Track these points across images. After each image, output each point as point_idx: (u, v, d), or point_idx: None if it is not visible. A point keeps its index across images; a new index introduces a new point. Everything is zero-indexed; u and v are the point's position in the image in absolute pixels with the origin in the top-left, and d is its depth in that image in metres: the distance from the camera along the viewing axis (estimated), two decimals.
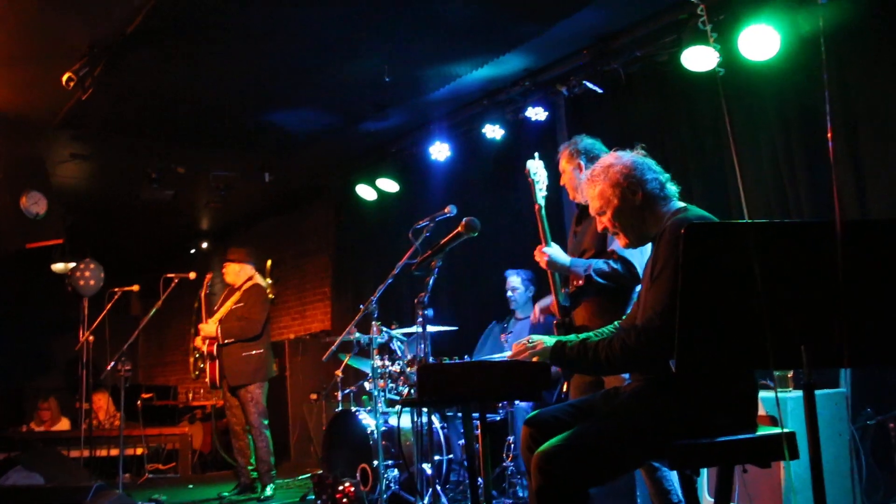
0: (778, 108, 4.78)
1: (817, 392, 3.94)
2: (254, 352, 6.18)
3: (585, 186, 2.79)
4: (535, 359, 2.42)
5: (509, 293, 5.76)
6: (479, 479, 3.87)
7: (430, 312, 3.29)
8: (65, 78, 5.61)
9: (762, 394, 3.17)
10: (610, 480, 2.25)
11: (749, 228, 1.84)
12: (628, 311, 3.58)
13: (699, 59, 5.01)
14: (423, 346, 3.27)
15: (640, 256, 3.61)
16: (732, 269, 1.85)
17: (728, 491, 2.29)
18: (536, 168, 3.90)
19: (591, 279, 3.55)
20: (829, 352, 1.84)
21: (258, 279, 6.42)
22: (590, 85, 5.81)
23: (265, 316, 6.30)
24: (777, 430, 2.30)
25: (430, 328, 4.89)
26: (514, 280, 5.76)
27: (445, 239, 3.20)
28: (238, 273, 6.40)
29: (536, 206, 3.78)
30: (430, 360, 3.45)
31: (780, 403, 3.71)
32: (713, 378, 2.29)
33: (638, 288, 3.68)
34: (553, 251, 3.61)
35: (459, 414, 5.02)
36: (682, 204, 2.64)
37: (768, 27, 4.58)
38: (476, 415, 4.95)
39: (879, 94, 4.34)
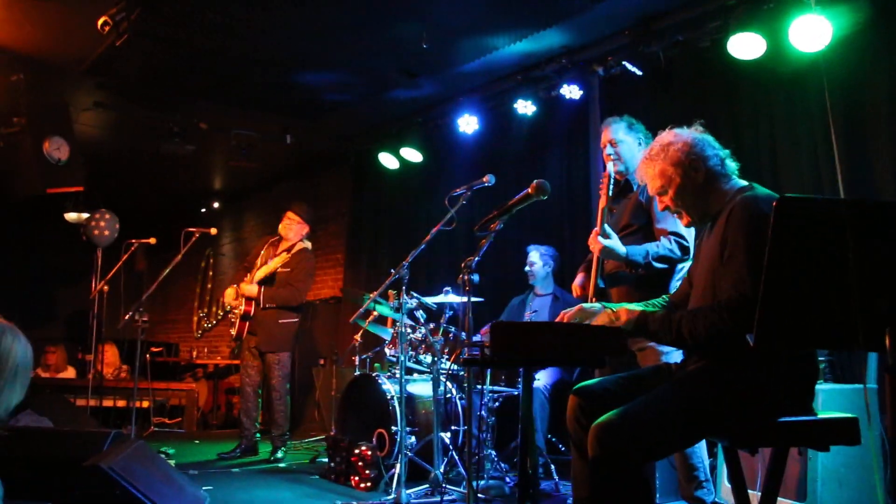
0: (820, 101, 4.73)
1: (846, 386, 3.94)
2: (291, 320, 6.14)
3: (643, 166, 2.74)
4: (618, 323, 2.39)
5: (527, 268, 5.74)
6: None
7: (475, 278, 3.23)
8: (101, 21, 5.54)
9: None
10: (667, 455, 2.24)
11: (843, 205, 1.81)
12: (671, 288, 3.58)
13: (745, 46, 4.97)
14: (466, 312, 3.23)
15: (689, 231, 3.60)
16: (822, 246, 1.82)
17: (781, 474, 2.28)
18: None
19: (650, 266, 3.53)
20: None
21: (307, 244, 6.33)
22: (629, 66, 5.74)
23: (310, 286, 6.24)
24: (840, 415, 2.28)
25: (455, 298, 4.89)
26: (534, 255, 5.75)
27: (513, 200, 3.13)
28: (296, 230, 6.27)
29: (605, 177, 3.71)
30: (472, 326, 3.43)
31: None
32: (779, 359, 2.27)
33: (684, 265, 3.66)
34: (611, 243, 3.56)
35: (479, 386, 5.00)
36: (745, 182, 2.61)
37: (821, 17, 4.52)
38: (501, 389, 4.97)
39: None
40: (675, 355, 3.26)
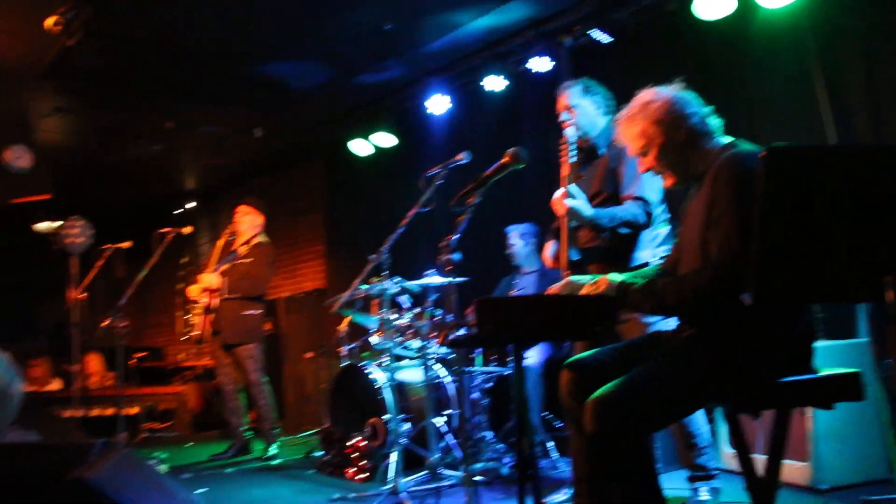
0: (794, 56, 4.67)
1: (839, 342, 3.91)
2: (254, 311, 6.04)
3: (622, 126, 2.66)
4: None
5: (509, 249, 5.69)
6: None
7: (457, 256, 3.13)
8: (51, 21, 5.37)
9: None
10: (668, 426, 2.18)
11: (833, 151, 1.74)
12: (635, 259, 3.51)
13: (713, 6, 4.89)
14: (449, 293, 3.15)
15: (655, 194, 3.52)
16: (815, 195, 1.75)
17: (785, 436, 2.22)
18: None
19: (615, 231, 3.44)
20: None
21: (264, 238, 6.24)
22: (596, 34, 5.66)
23: (271, 275, 6.15)
24: (842, 371, 2.23)
25: (439, 279, 4.81)
26: (513, 237, 5.70)
27: (489, 171, 3.04)
28: (249, 221, 6.18)
29: (563, 143, 3.60)
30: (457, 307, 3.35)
31: None
32: (776, 318, 2.21)
33: (660, 229, 3.59)
34: (576, 203, 3.44)
35: (469, 368, 4.94)
36: (729, 138, 2.54)
37: None
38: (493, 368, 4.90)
39: None
40: (662, 324, 3.19)
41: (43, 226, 8.76)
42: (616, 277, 2.39)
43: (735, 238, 2.18)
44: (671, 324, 2.71)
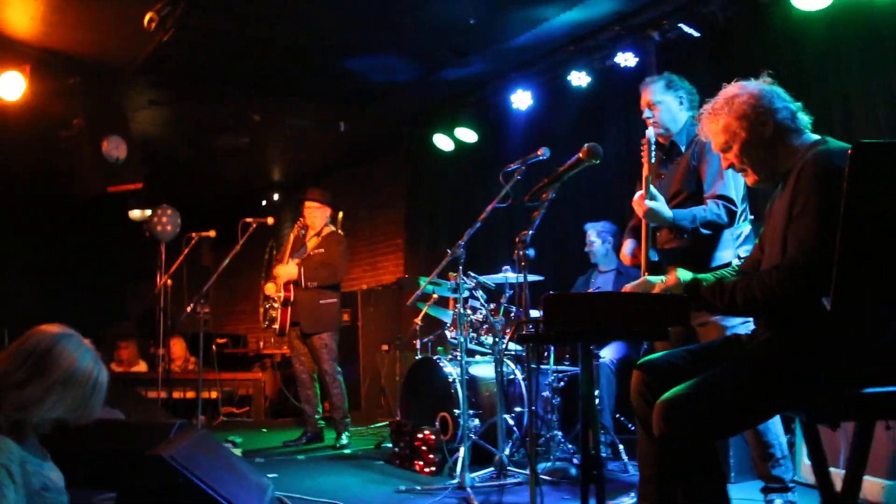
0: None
1: None
2: (330, 300, 6.11)
3: (706, 120, 2.57)
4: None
5: (587, 247, 5.61)
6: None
7: (531, 252, 3.09)
8: (146, 18, 5.57)
9: None
10: (739, 433, 2.09)
11: None
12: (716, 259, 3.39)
13: None
14: (522, 289, 3.11)
15: (737, 192, 3.41)
16: None
17: (866, 450, 2.09)
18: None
19: (697, 231, 3.35)
20: None
21: (334, 227, 6.34)
22: (685, 28, 5.51)
23: (346, 264, 6.23)
24: None
25: (514, 276, 4.77)
26: (591, 234, 5.62)
27: (564, 167, 2.99)
28: (319, 215, 6.27)
29: (644, 143, 3.51)
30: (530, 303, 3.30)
31: None
32: (859, 323, 2.08)
33: (742, 228, 3.47)
34: (656, 205, 3.37)
35: (543, 366, 4.88)
36: (817, 136, 2.41)
37: None
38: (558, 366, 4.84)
39: None
40: (741, 328, 3.07)
41: (135, 213, 9.10)
42: (687, 275, 2.30)
43: (812, 238, 2.08)
44: (750, 327, 2.60)
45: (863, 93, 4.63)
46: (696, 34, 5.50)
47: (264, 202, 11.38)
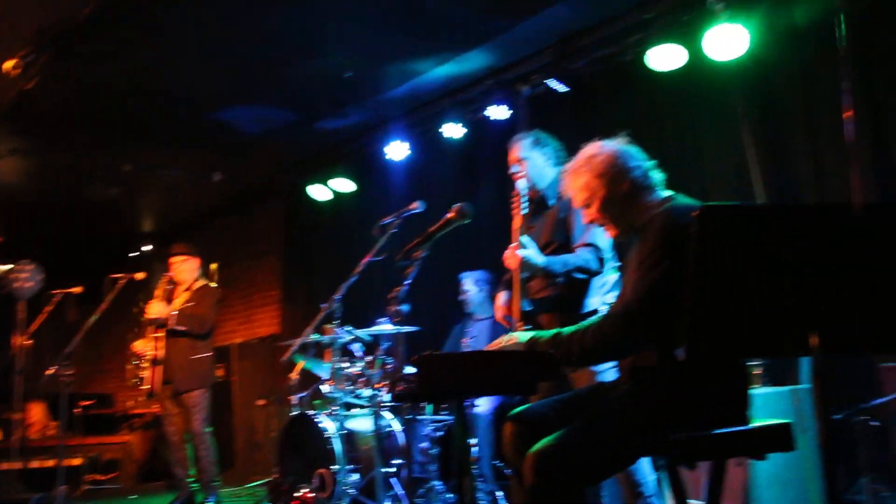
0: (742, 108, 4.78)
1: (780, 389, 3.94)
2: (202, 354, 5.91)
3: (568, 178, 2.68)
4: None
5: (462, 296, 5.68)
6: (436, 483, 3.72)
7: (405, 308, 3.10)
8: (10, 65, 5.32)
9: None
10: (607, 478, 2.16)
11: (765, 210, 1.76)
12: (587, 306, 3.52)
13: (666, 58, 5.01)
14: (397, 343, 3.11)
15: (605, 241, 3.55)
16: (746, 253, 1.76)
17: (721, 484, 2.22)
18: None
19: (569, 275, 3.45)
20: (843, 339, 1.77)
21: (207, 280, 6.16)
22: (553, 83, 5.75)
23: (215, 318, 6.04)
24: (773, 422, 2.23)
25: (390, 328, 4.76)
26: (468, 283, 5.69)
27: (434, 227, 3.03)
28: (187, 268, 6.07)
29: (515, 195, 3.61)
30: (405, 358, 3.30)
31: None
32: (710, 372, 2.21)
33: (608, 276, 3.62)
34: (528, 253, 3.47)
35: (421, 416, 4.87)
36: (668, 192, 2.56)
37: (735, 25, 4.57)
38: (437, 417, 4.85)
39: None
40: (609, 374, 3.18)
41: None
42: (525, 336, 2.39)
43: (643, 287, 2.22)
44: (615, 374, 2.70)
45: (714, 149, 4.95)
46: (563, 89, 5.74)
47: (135, 254, 10.94)
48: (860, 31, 4.17)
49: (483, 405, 4.91)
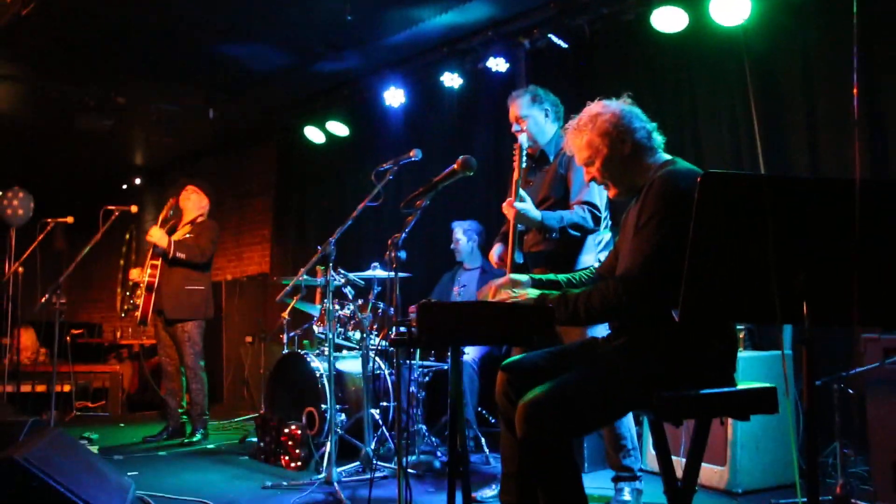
0: (739, 75, 4.82)
1: (763, 353, 4.07)
2: (198, 286, 5.97)
3: (571, 136, 2.73)
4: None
5: (453, 245, 5.77)
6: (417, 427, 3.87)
7: (402, 254, 3.18)
8: None
9: None
10: (595, 430, 2.27)
11: (763, 181, 1.84)
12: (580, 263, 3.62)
13: (668, 20, 5.02)
14: (392, 289, 3.20)
15: (602, 200, 3.64)
16: (743, 221, 1.85)
17: (704, 443, 2.33)
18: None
19: (564, 231, 3.54)
20: (831, 309, 1.87)
21: (209, 219, 6.20)
22: (554, 38, 5.76)
23: (214, 250, 6.09)
24: (759, 385, 2.34)
25: (383, 273, 4.85)
26: (458, 232, 5.78)
27: (439, 177, 3.08)
28: (196, 202, 6.13)
29: (517, 149, 3.67)
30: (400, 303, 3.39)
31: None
32: (700, 333, 2.31)
33: (604, 235, 3.71)
34: (525, 206, 3.54)
35: (409, 360, 4.99)
36: (669, 156, 2.63)
37: None
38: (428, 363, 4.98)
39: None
40: (600, 329, 3.30)
41: None
42: (534, 292, 2.47)
43: (649, 251, 2.29)
44: (605, 330, 2.80)
45: (710, 114, 5.00)
46: (563, 45, 5.74)
47: (125, 186, 10.93)
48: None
49: (470, 353, 5.05)
